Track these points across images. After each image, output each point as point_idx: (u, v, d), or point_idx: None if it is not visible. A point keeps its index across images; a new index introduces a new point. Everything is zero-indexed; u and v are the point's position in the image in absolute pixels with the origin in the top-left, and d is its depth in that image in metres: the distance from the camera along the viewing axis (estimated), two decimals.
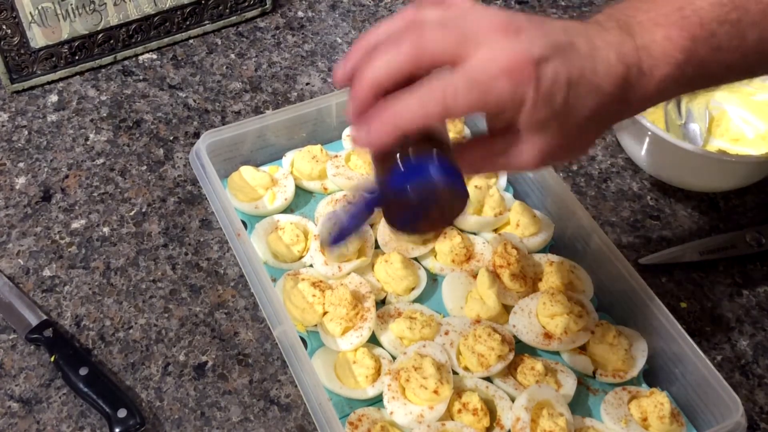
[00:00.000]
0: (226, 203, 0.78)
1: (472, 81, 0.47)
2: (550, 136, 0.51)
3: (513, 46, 0.48)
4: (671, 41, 0.52)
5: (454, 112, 0.48)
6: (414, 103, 0.48)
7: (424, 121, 0.49)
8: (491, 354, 0.70)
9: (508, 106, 0.49)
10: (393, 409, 0.68)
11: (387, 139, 0.49)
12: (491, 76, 0.47)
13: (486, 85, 0.48)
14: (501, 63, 0.47)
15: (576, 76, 0.49)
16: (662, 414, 0.68)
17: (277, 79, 0.99)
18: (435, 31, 0.49)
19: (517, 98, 0.48)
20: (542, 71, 0.48)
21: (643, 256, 0.84)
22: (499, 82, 0.47)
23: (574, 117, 0.51)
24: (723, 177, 0.87)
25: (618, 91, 0.51)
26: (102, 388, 0.70)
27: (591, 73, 0.50)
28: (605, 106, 0.51)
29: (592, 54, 0.50)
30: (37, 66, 0.94)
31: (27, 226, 0.83)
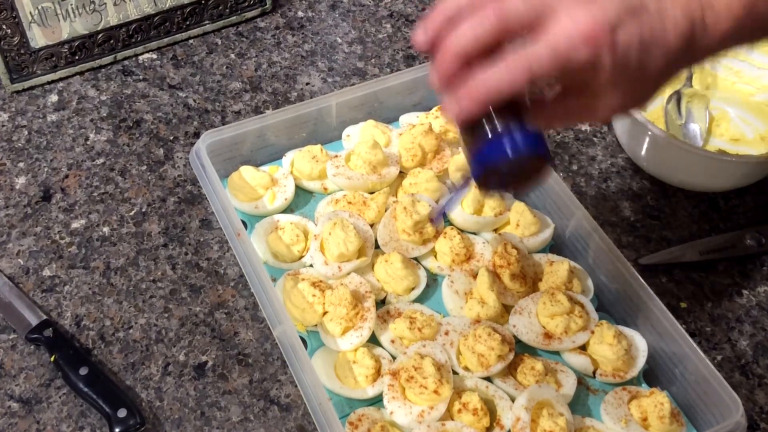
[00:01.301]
0: (226, 203, 0.78)
1: (554, 50, 0.50)
2: (623, 93, 0.55)
3: (589, 13, 0.50)
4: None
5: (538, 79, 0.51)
6: (503, 73, 0.51)
7: (511, 90, 0.51)
8: (491, 354, 0.70)
9: (586, 70, 0.52)
10: (393, 409, 0.68)
11: (477, 109, 0.52)
12: (571, 44, 0.50)
13: (567, 53, 0.50)
14: (580, 31, 0.50)
15: (647, 37, 0.52)
16: (662, 414, 0.68)
17: (277, 79, 0.99)
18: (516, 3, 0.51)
19: (595, 63, 0.51)
20: (617, 36, 0.51)
21: (643, 256, 0.84)
22: (579, 49, 0.50)
23: (646, 73, 0.54)
24: (723, 177, 0.87)
25: (684, 46, 0.54)
26: (102, 388, 0.70)
27: (660, 32, 0.53)
28: (672, 60, 0.54)
29: (660, 13, 0.53)
30: (37, 66, 0.94)
31: (27, 226, 0.83)
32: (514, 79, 0.51)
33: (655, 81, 0.56)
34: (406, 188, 0.83)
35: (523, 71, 0.51)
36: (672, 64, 0.55)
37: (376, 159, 0.82)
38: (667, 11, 0.53)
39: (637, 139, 0.88)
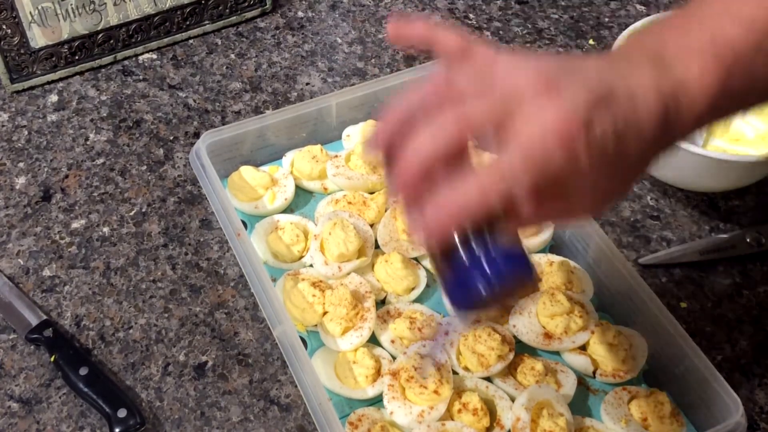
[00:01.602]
0: (226, 203, 0.78)
1: (528, 157, 0.46)
2: (602, 190, 0.50)
3: (559, 109, 0.46)
4: (708, 75, 0.51)
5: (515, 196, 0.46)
6: (474, 191, 0.46)
7: (486, 208, 0.46)
8: (491, 354, 0.70)
9: (564, 172, 0.47)
10: (393, 409, 0.68)
11: (448, 232, 0.48)
12: (545, 148, 0.46)
13: (542, 159, 0.46)
14: (553, 132, 0.46)
15: (621, 128, 0.48)
16: (662, 414, 0.68)
17: (277, 79, 0.99)
18: (476, 102, 0.47)
19: (572, 162, 0.47)
20: (592, 132, 0.47)
21: (643, 256, 0.84)
22: (554, 152, 0.46)
23: (623, 165, 0.50)
24: (723, 177, 0.87)
25: (659, 132, 0.50)
26: (102, 388, 0.70)
27: (634, 121, 0.49)
28: (648, 148, 0.51)
29: (631, 99, 0.49)
30: (37, 66, 0.94)
31: (27, 226, 0.83)
32: (488, 197, 0.46)
33: (632, 172, 0.52)
34: None
35: (498, 187, 0.46)
36: (648, 152, 0.51)
37: (376, 159, 0.82)
38: (639, 97, 0.49)
39: None
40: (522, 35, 1.05)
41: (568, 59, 0.51)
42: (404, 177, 0.48)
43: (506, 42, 1.04)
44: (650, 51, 0.52)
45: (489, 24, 1.06)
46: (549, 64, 0.49)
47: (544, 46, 1.04)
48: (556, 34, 1.06)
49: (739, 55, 0.52)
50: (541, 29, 1.06)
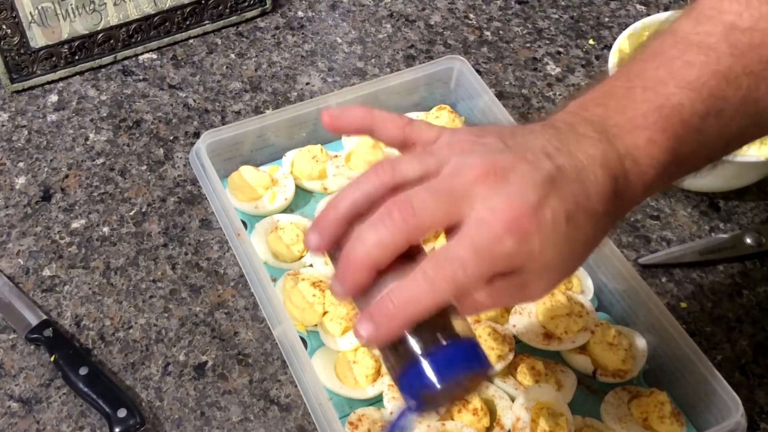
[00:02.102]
0: (226, 203, 0.78)
1: (478, 250, 0.45)
2: (556, 270, 0.50)
3: (507, 196, 0.46)
4: (655, 145, 0.50)
5: (465, 288, 0.46)
6: (424, 289, 0.45)
7: (436, 305, 0.45)
8: (491, 354, 0.70)
9: (516, 261, 0.47)
10: (393, 409, 0.68)
11: (398, 332, 0.46)
12: (495, 239, 0.45)
13: (493, 250, 0.45)
14: (501, 222, 0.45)
15: (572, 208, 0.47)
16: (662, 414, 0.68)
17: (277, 79, 0.99)
18: (424, 200, 0.46)
19: (523, 248, 0.46)
20: (542, 217, 0.46)
21: (643, 256, 0.84)
22: (505, 242, 0.45)
23: (575, 245, 0.49)
24: (723, 177, 0.87)
25: (609, 205, 0.49)
26: (102, 388, 0.70)
27: (584, 199, 0.48)
28: (600, 221, 0.50)
29: (580, 176, 0.48)
30: (37, 66, 0.94)
31: (27, 226, 0.83)
32: (438, 292, 0.45)
33: (585, 248, 0.51)
34: None
35: (448, 282, 0.45)
36: (600, 227, 0.50)
37: (375, 159, 0.82)
38: (587, 172, 0.48)
39: None
40: (522, 35, 1.05)
41: (514, 134, 0.49)
42: (350, 277, 0.47)
43: (506, 42, 1.04)
44: (596, 123, 0.51)
45: (489, 24, 1.06)
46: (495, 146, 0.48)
47: (544, 45, 1.04)
48: (556, 34, 1.06)
49: (687, 123, 0.51)
50: (541, 29, 1.06)
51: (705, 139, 0.52)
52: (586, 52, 1.04)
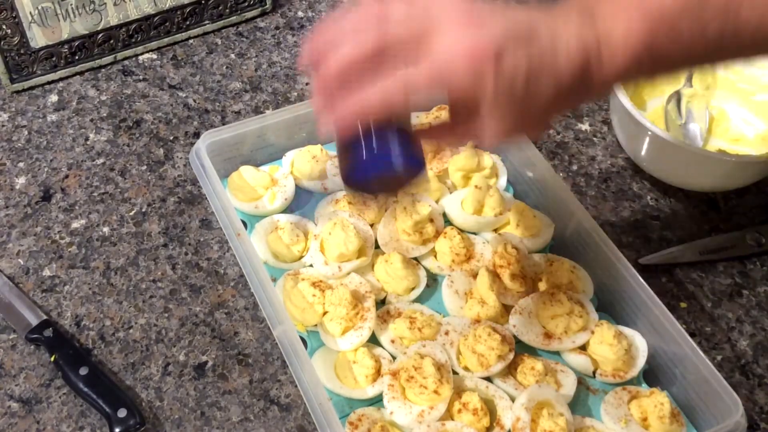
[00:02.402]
0: (226, 203, 0.78)
1: (433, 72, 0.49)
2: (509, 120, 0.53)
3: (474, 36, 0.49)
4: (631, 32, 0.53)
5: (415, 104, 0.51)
6: (378, 92, 0.50)
7: (387, 109, 0.51)
8: (491, 354, 0.70)
9: (468, 93, 0.51)
10: (393, 409, 0.68)
11: (351, 126, 0.52)
12: (452, 67, 0.49)
13: (447, 77, 0.49)
14: (462, 54, 0.49)
15: (536, 66, 0.51)
16: (662, 414, 0.68)
17: (277, 79, 0.99)
18: (399, 22, 0.51)
19: (477, 88, 0.50)
20: (502, 62, 0.49)
21: (643, 256, 0.84)
22: (460, 73, 0.49)
23: (534, 102, 0.52)
24: (723, 177, 0.87)
25: (577, 79, 0.52)
26: (102, 388, 0.70)
27: (551, 62, 0.51)
28: (564, 92, 0.53)
29: (552, 43, 0.51)
30: (37, 66, 0.94)
31: (27, 226, 0.83)
32: (391, 95, 0.50)
33: (545, 110, 0.54)
34: None
35: (400, 88, 0.50)
36: (564, 96, 0.53)
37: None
38: (561, 42, 0.52)
39: (637, 139, 0.88)
40: None
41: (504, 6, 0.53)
42: (322, 81, 0.52)
43: None
44: (582, 8, 0.54)
45: None
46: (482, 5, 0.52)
47: None
48: None
49: (665, 16, 0.53)
50: None
51: (681, 36, 0.54)
52: None
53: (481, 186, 0.81)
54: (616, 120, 0.92)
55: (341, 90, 0.52)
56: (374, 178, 0.54)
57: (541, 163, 0.83)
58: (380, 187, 0.57)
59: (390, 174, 0.54)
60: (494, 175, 0.86)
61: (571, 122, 0.97)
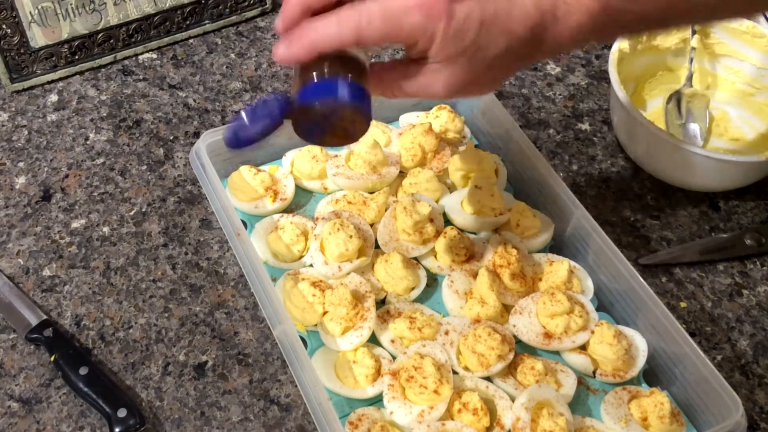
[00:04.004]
0: (226, 203, 0.78)
1: (386, 11, 0.51)
2: (459, 70, 0.54)
3: None
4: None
5: (367, 40, 0.52)
6: (331, 27, 0.52)
7: (338, 44, 0.53)
8: (491, 354, 0.70)
9: (419, 38, 0.52)
10: (393, 409, 0.68)
11: (304, 56, 0.53)
12: (404, 8, 0.51)
13: (399, 17, 0.51)
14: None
15: (489, 17, 0.52)
16: (662, 414, 0.68)
17: (277, 78, 0.99)
18: None
19: (428, 32, 0.52)
20: (455, 8, 0.51)
21: (643, 256, 0.84)
22: (412, 15, 0.51)
23: (484, 55, 0.54)
24: (723, 177, 0.87)
25: (530, 35, 0.54)
26: (102, 388, 0.70)
27: (505, 16, 0.53)
28: (517, 48, 0.54)
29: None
30: (37, 66, 0.94)
31: (27, 225, 0.83)
32: (342, 33, 0.52)
33: (496, 66, 0.55)
34: (406, 188, 0.83)
35: (352, 27, 0.52)
36: (517, 52, 0.54)
37: (375, 159, 0.83)
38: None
39: (637, 139, 0.88)
40: None
41: None
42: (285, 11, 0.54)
43: None
44: None
45: None
46: None
47: None
48: None
49: None
50: None
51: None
52: (586, 52, 1.04)
53: (481, 186, 0.81)
54: (616, 120, 0.92)
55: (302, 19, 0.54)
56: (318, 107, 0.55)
57: (541, 163, 0.83)
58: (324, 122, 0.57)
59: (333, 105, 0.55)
60: (494, 175, 0.86)
61: (571, 122, 0.97)
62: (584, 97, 1.00)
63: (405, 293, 0.77)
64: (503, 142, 0.88)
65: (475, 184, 0.81)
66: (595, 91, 1.01)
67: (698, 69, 0.97)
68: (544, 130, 0.96)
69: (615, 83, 0.87)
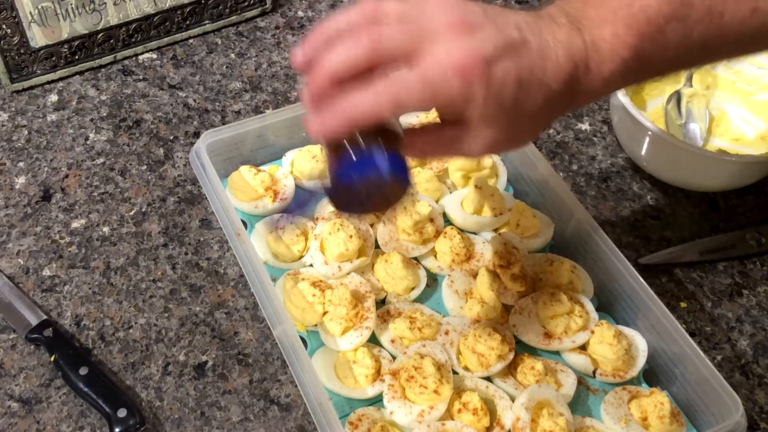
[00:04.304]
0: (226, 203, 0.78)
1: (424, 79, 0.50)
2: (498, 129, 0.53)
3: (466, 45, 0.49)
4: (619, 38, 0.54)
5: (406, 108, 0.50)
6: (368, 98, 0.50)
7: (376, 116, 0.51)
8: (491, 354, 0.70)
9: (458, 103, 0.51)
10: (393, 409, 0.68)
11: (340, 130, 0.51)
12: (443, 75, 0.49)
13: (438, 84, 0.50)
14: (453, 62, 0.49)
15: (525, 75, 0.51)
16: (662, 414, 0.68)
17: (277, 78, 0.99)
18: (393, 27, 0.51)
19: (467, 96, 0.50)
20: (493, 71, 0.50)
21: (643, 256, 0.84)
22: (451, 81, 0.49)
23: (523, 112, 0.53)
24: (723, 177, 0.87)
25: (565, 88, 0.53)
26: (102, 388, 0.70)
27: (540, 71, 0.52)
28: (553, 101, 0.53)
29: (542, 52, 0.52)
30: (37, 66, 0.94)
31: (27, 225, 0.83)
32: (380, 104, 0.50)
33: (533, 120, 0.55)
34: None
35: (390, 98, 0.50)
36: (552, 105, 0.54)
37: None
38: (550, 51, 0.52)
39: (637, 139, 0.88)
40: None
41: (496, 9, 0.54)
42: (313, 82, 0.52)
43: None
44: (571, 15, 0.55)
45: None
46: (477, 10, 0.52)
47: None
48: None
49: (652, 23, 0.54)
50: None
51: (668, 41, 0.55)
52: None
53: (481, 186, 0.81)
54: (616, 120, 0.92)
55: (331, 94, 0.51)
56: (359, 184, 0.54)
57: (541, 163, 0.83)
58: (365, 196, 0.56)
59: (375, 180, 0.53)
60: (494, 175, 0.86)
61: (571, 122, 0.97)
62: None
63: (405, 293, 0.77)
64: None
65: (475, 184, 0.81)
66: None
67: (698, 69, 0.97)
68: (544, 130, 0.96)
69: None
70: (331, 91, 0.52)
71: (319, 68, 0.52)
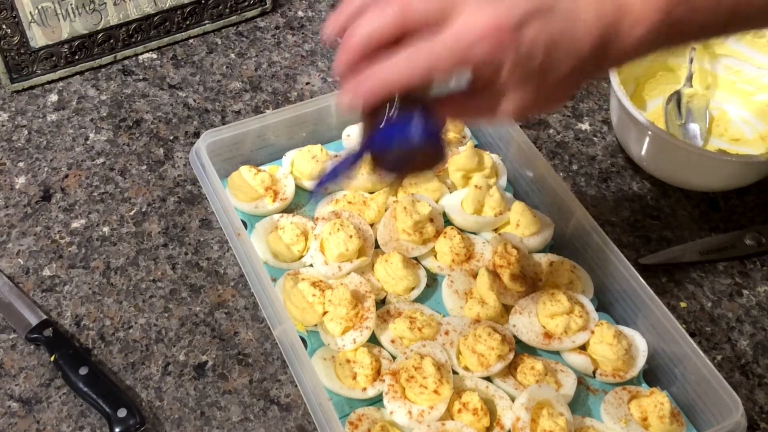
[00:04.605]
0: (226, 203, 0.78)
1: (455, 44, 0.50)
2: (528, 93, 0.54)
3: (494, 11, 0.50)
4: (649, 3, 0.54)
5: (437, 72, 0.51)
6: (402, 64, 0.51)
7: (410, 80, 0.51)
8: (491, 354, 0.70)
9: (488, 67, 0.51)
10: (393, 409, 0.68)
11: (375, 96, 0.52)
12: (473, 39, 0.50)
13: (468, 48, 0.50)
14: (482, 27, 0.50)
15: (555, 39, 0.52)
16: (662, 414, 0.68)
17: (277, 78, 0.99)
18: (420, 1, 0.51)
19: (497, 60, 0.51)
20: (522, 35, 0.50)
21: (643, 256, 0.84)
22: (480, 45, 0.50)
23: (552, 75, 0.53)
24: (723, 177, 0.87)
25: (595, 51, 0.53)
26: (102, 388, 0.70)
27: (570, 35, 0.52)
28: (582, 64, 0.53)
29: (571, 16, 0.52)
30: (37, 66, 0.94)
31: (27, 225, 0.83)
32: (412, 71, 0.51)
33: (564, 84, 0.55)
34: (406, 188, 0.83)
35: (422, 62, 0.51)
36: (582, 68, 0.54)
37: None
38: (579, 14, 0.52)
39: (637, 139, 0.88)
40: None
41: None
42: (344, 52, 0.53)
43: None
44: None
45: None
46: None
47: None
48: None
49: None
50: None
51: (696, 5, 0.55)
52: None
53: (481, 186, 0.81)
54: (616, 120, 0.92)
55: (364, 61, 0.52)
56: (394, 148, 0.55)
57: (541, 163, 0.83)
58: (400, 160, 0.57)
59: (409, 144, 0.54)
60: (494, 175, 0.86)
61: (571, 122, 0.97)
62: (584, 97, 1.00)
63: (405, 293, 0.77)
64: (503, 142, 0.88)
65: (475, 184, 0.81)
66: (595, 91, 1.01)
67: (698, 69, 0.97)
68: (544, 130, 0.96)
69: (615, 83, 0.87)
70: (362, 61, 0.52)
71: (350, 36, 0.53)
